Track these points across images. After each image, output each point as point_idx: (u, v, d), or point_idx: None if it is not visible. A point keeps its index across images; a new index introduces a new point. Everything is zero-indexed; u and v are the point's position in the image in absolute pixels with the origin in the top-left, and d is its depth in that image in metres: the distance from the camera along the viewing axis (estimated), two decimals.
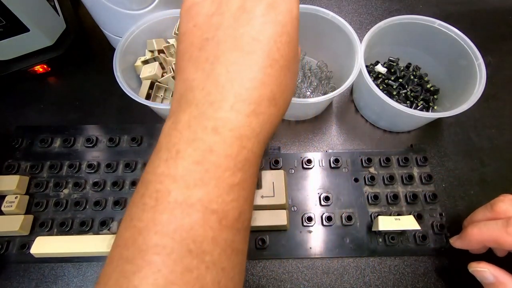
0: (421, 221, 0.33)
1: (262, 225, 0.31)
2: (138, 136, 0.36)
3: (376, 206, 0.34)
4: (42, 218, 0.33)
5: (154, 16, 0.37)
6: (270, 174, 0.33)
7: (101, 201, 0.33)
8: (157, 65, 0.36)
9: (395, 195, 0.34)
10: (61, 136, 0.36)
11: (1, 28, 0.35)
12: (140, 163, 0.35)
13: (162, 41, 0.38)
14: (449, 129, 0.40)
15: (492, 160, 0.38)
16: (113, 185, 0.34)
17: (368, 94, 0.36)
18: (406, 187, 0.35)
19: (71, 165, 0.35)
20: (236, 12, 0.18)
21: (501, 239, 0.25)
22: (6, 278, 0.33)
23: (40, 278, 0.33)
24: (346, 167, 0.35)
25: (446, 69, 0.39)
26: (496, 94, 0.42)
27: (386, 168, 0.36)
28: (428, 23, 0.37)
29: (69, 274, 0.33)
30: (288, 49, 0.18)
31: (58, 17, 0.42)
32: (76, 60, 0.44)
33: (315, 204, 0.34)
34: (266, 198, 0.32)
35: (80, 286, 0.33)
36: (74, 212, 0.33)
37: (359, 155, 0.36)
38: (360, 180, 0.35)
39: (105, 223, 0.32)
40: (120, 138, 0.36)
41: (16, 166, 0.35)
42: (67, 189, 0.34)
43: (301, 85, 0.42)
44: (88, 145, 0.36)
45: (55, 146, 0.36)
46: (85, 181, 0.34)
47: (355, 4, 0.49)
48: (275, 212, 0.32)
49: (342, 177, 0.35)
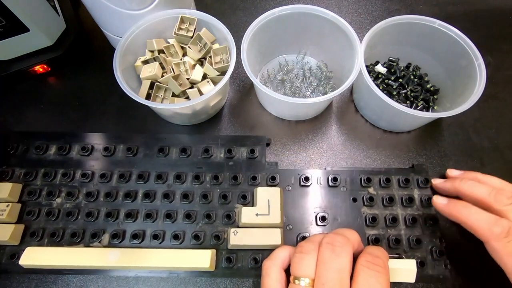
0: (420, 246, 0.32)
1: (255, 244, 0.31)
2: (134, 147, 0.36)
3: (374, 228, 0.33)
4: (33, 228, 0.32)
5: (154, 16, 0.37)
6: (266, 191, 0.32)
7: (93, 211, 0.33)
8: (157, 65, 0.36)
9: (394, 218, 0.33)
10: (56, 143, 0.36)
11: (1, 28, 0.35)
12: (134, 174, 0.34)
13: (162, 41, 0.38)
14: (449, 129, 0.40)
15: (492, 160, 0.38)
16: (106, 196, 0.33)
17: (368, 94, 0.36)
18: (405, 209, 0.34)
19: (65, 174, 0.34)
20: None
21: (485, 234, 0.26)
22: (6, 278, 0.33)
23: (40, 278, 0.33)
24: (344, 186, 0.34)
25: (446, 69, 0.39)
26: (496, 94, 0.42)
27: (386, 188, 0.34)
28: (428, 23, 0.37)
29: (69, 274, 0.33)
30: None
31: (58, 17, 0.42)
32: (76, 60, 0.44)
33: (311, 223, 0.33)
34: (260, 216, 0.31)
35: (80, 286, 0.33)
36: (66, 222, 0.33)
37: (358, 174, 0.35)
38: (359, 200, 0.34)
39: (97, 235, 0.32)
40: (116, 147, 0.36)
41: (10, 173, 0.34)
42: (60, 198, 0.33)
43: (301, 85, 0.42)
44: (84, 153, 0.35)
45: (50, 153, 0.35)
46: (79, 190, 0.34)
47: (355, 4, 0.49)
48: (269, 231, 0.31)
49: (340, 196, 0.34)
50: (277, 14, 0.36)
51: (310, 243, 0.25)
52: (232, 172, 0.35)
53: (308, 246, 0.25)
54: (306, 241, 0.26)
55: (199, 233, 0.32)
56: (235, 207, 0.33)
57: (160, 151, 0.35)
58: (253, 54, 0.38)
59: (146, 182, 0.34)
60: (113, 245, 0.32)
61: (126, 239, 0.32)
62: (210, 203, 0.33)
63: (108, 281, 0.33)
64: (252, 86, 0.42)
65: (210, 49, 0.37)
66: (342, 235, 0.25)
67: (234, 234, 0.31)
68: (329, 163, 0.38)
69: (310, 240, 0.26)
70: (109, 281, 0.33)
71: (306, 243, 0.26)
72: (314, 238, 0.26)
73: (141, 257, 0.30)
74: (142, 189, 0.34)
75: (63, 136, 0.37)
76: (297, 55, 0.44)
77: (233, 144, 0.36)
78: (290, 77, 0.42)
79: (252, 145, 0.36)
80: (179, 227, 0.32)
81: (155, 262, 0.29)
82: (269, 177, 0.34)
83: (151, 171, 0.35)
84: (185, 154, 0.36)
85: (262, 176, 0.35)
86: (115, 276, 0.33)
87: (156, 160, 0.35)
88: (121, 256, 0.29)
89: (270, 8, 0.36)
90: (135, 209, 0.33)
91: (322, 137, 0.39)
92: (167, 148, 0.36)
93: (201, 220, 0.32)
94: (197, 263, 0.29)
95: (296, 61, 0.44)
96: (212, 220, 0.32)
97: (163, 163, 0.35)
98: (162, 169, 0.35)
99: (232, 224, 0.32)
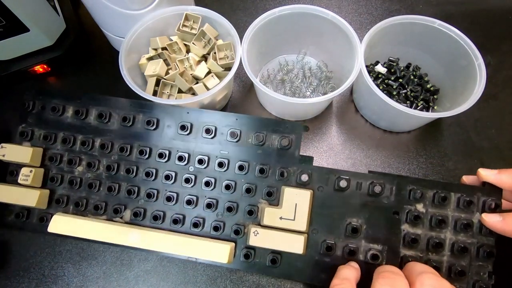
0: (462, 278, 0.27)
1: (274, 249, 0.29)
2: (154, 119, 0.32)
3: (411, 249, 0.28)
4: (57, 194, 0.32)
5: (157, 14, 0.37)
6: (294, 193, 0.29)
7: (114, 186, 0.32)
8: (161, 63, 0.36)
9: (440, 243, 0.27)
10: (73, 105, 0.33)
11: (1, 28, 0.35)
12: (154, 151, 0.32)
13: (165, 39, 0.38)
14: (449, 129, 0.40)
15: (492, 160, 0.38)
16: (127, 172, 0.32)
17: (368, 94, 0.36)
18: (457, 234, 0.28)
19: (84, 142, 0.33)
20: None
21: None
22: (6, 278, 0.33)
23: (40, 278, 0.33)
24: (388, 197, 0.29)
25: (446, 69, 0.39)
26: (496, 94, 0.42)
27: (439, 207, 0.28)
28: (428, 23, 0.37)
29: (69, 274, 0.33)
30: None
31: (58, 17, 0.42)
32: (76, 60, 0.44)
33: (340, 233, 0.29)
34: (285, 220, 0.28)
35: (80, 286, 0.33)
36: (89, 192, 0.32)
37: (409, 185, 0.29)
38: (401, 214, 0.28)
39: (118, 211, 0.31)
40: (135, 117, 0.32)
41: (30, 133, 0.33)
42: (81, 167, 0.33)
43: (301, 85, 0.42)
44: (102, 121, 0.33)
45: (68, 115, 0.33)
46: (99, 161, 0.32)
47: (355, 4, 0.49)
48: (292, 236, 0.28)
49: (380, 209, 0.29)
50: (277, 14, 0.36)
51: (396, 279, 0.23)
52: (259, 163, 0.30)
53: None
54: (384, 278, 0.24)
55: (219, 223, 0.30)
56: (259, 202, 0.30)
57: (182, 128, 0.32)
58: (253, 54, 0.38)
59: (167, 161, 0.32)
60: (134, 222, 0.31)
61: (146, 219, 0.31)
62: (233, 194, 0.31)
63: (108, 281, 0.33)
64: (252, 86, 0.42)
65: (214, 45, 0.37)
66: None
67: (254, 234, 0.29)
68: (329, 163, 0.38)
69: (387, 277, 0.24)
70: (109, 281, 0.33)
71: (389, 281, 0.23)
72: (394, 282, 0.24)
73: (161, 241, 0.29)
74: (162, 169, 0.32)
75: (79, 97, 0.33)
76: (297, 55, 0.44)
77: (264, 129, 0.31)
78: (290, 77, 0.42)
79: (285, 132, 0.31)
80: (200, 214, 0.31)
81: (174, 249, 0.29)
82: (300, 175, 0.30)
83: (172, 150, 0.32)
84: (209, 134, 0.31)
85: (293, 171, 0.30)
86: (115, 276, 0.33)
87: (177, 137, 0.32)
88: (142, 238, 0.29)
89: (270, 8, 0.36)
90: (155, 189, 0.32)
91: (322, 137, 0.39)
92: (189, 125, 0.31)
93: (221, 211, 0.31)
94: (215, 257, 0.29)
95: (296, 61, 0.44)
96: (233, 213, 0.30)
97: (185, 142, 0.32)
98: (184, 148, 0.32)
99: (254, 220, 0.30)
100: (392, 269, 0.25)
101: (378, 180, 0.29)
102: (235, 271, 0.33)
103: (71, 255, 0.34)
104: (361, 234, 0.29)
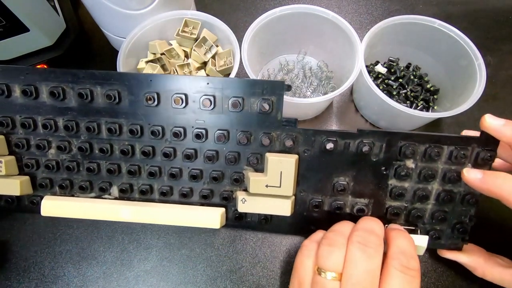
0: (443, 223, 0.28)
1: (263, 213, 0.30)
2: (114, 91, 0.28)
3: (396, 201, 0.28)
4: (39, 179, 0.31)
5: (157, 18, 0.37)
6: (278, 162, 0.27)
7: (92, 167, 0.30)
8: (157, 68, 0.36)
9: (426, 196, 0.28)
10: (17, 83, 0.28)
11: (1, 28, 0.35)
12: (125, 127, 0.29)
13: (164, 43, 0.38)
14: (449, 129, 0.40)
15: None
16: (101, 152, 0.30)
17: (368, 94, 0.36)
18: (445, 185, 0.28)
19: (45, 125, 0.29)
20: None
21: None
22: (6, 278, 0.33)
23: (40, 278, 0.33)
24: (377, 155, 0.27)
25: (446, 69, 0.39)
26: (496, 94, 0.42)
27: (429, 161, 0.27)
28: (428, 23, 0.37)
29: (69, 274, 0.33)
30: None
31: (58, 17, 0.42)
32: (76, 60, 0.44)
33: (327, 191, 0.29)
34: (271, 187, 0.28)
35: (80, 286, 0.33)
36: (69, 174, 0.31)
37: (400, 141, 0.27)
38: (390, 170, 0.28)
39: (104, 189, 0.31)
40: (93, 91, 0.28)
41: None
42: (52, 149, 0.31)
43: (301, 85, 0.42)
44: (55, 99, 0.29)
45: (16, 95, 0.29)
46: (69, 142, 0.30)
47: (355, 4, 0.49)
48: (279, 201, 0.28)
49: (368, 167, 0.28)
50: (277, 14, 0.36)
51: (339, 236, 0.24)
52: (240, 130, 0.28)
53: (336, 239, 0.24)
54: (334, 232, 0.25)
55: (207, 191, 0.30)
56: (244, 169, 0.29)
57: (149, 99, 0.28)
58: (253, 54, 0.38)
59: (140, 137, 0.29)
60: (123, 198, 0.31)
61: (134, 193, 0.31)
62: (216, 164, 0.30)
63: (108, 281, 0.33)
64: None
65: (216, 53, 0.37)
66: (375, 234, 0.24)
67: (242, 202, 0.29)
68: None
69: (338, 231, 0.25)
70: (109, 281, 0.33)
71: (334, 236, 0.24)
72: (341, 228, 0.25)
73: (153, 213, 0.30)
74: (138, 145, 0.30)
75: (23, 72, 0.28)
76: (298, 55, 0.44)
77: (241, 93, 0.27)
78: (291, 77, 0.42)
79: (265, 94, 0.27)
80: (186, 185, 0.30)
81: (166, 220, 0.29)
82: (284, 139, 0.28)
83: (144, 125, 0.29)
84: (180, 104, 0.28)
85: (277, 136, 0.28)
86: (115, 276, 0.33)
87: (145, 109, 0.29)
88: (133, 212, 0.30)
89: (270, 8, 0.36)
90: (136, 165, 0.30)
91: None
92: (155, 95, 0.28)
93: (207, 180, 0.30)
94: (207, 222, 0.29)
95: (296, 61, 0.44)
96: (220, 181, 0.30)
97: (155, 114, 0.29)
98: (156, 122, 0.29)
99: (241, 186, 0.30)
100: (366, 226, 0.25)
101: (367, 139, 0.27)
102: (235, 271, 0.33)
103: (71, 255, 0.34)
104: (348, 191, 0.29)
